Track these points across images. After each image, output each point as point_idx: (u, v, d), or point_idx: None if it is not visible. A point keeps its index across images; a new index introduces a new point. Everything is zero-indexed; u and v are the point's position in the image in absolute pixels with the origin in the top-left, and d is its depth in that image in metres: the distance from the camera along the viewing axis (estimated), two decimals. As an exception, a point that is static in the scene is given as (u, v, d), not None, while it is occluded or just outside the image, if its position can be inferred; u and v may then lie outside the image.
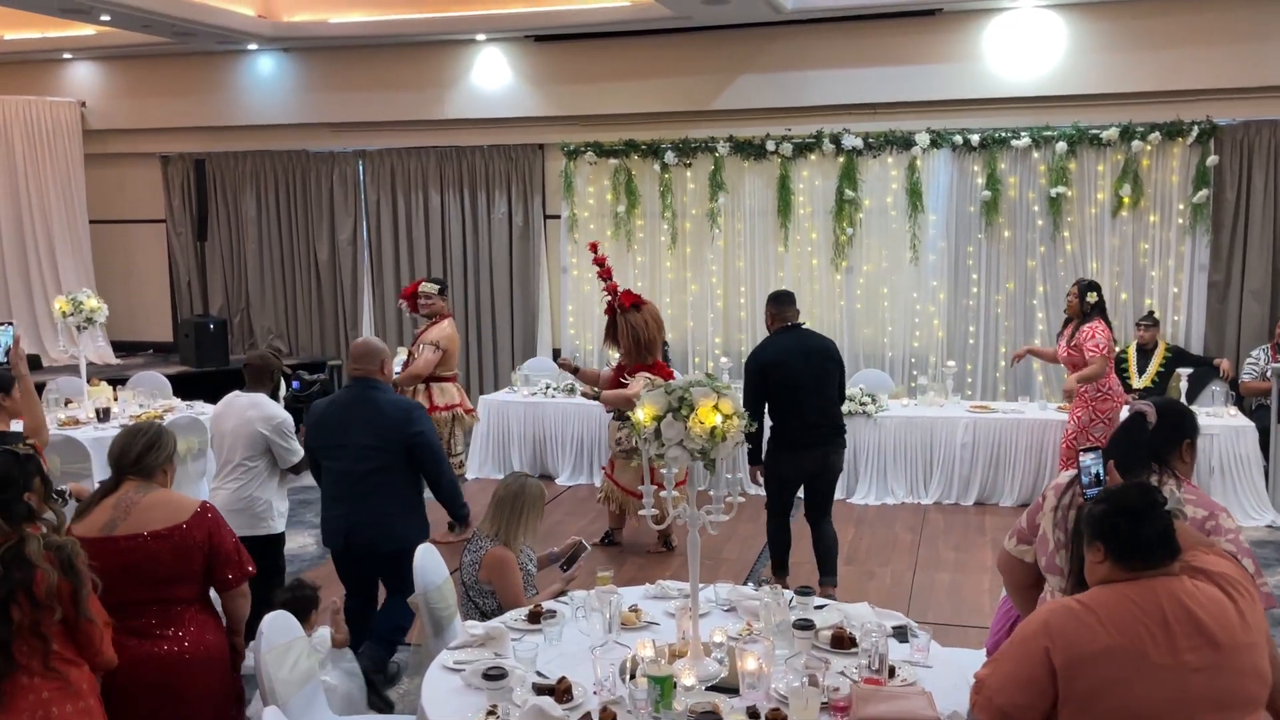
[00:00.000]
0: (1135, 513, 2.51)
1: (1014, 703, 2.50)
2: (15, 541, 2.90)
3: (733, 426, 3.16)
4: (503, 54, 9.96)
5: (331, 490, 4.73)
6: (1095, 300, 6.97)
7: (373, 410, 4.65)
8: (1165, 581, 2.48)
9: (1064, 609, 2.52)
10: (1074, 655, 2.43)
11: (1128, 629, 2.43)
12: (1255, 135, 8.47)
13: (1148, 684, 2.40)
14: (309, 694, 3.60)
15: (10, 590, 2.86)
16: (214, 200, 11.04)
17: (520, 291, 10.28)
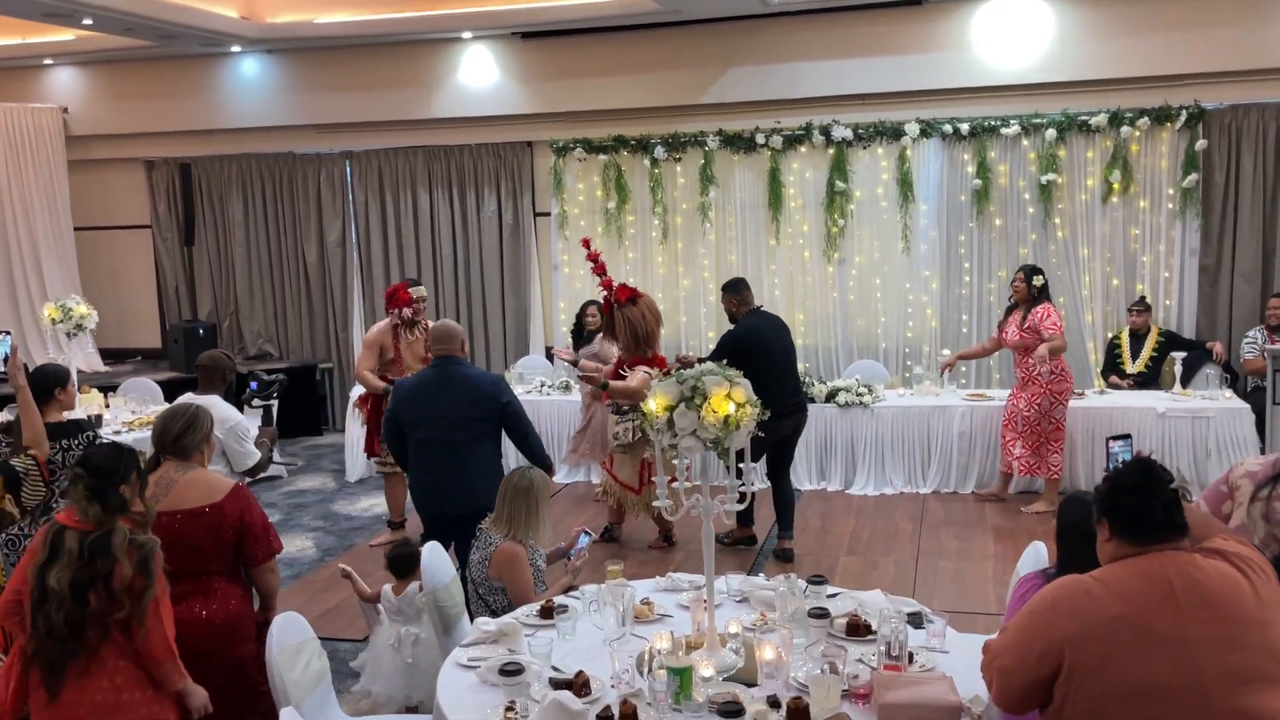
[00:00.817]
0: (1139, 488, 2.52)
1: (1014, 667, 2.52)
2: (104, 531, 3.09)
3: (746, 415, 3.14)
4: (489, 51, 9.91)
5: (427, 460, 5.05)
6: (1041, 284, 7.34)
7: (466, 383, 5.05)
8: (1173, 555, 2.47)
9: (1073, 582, 2.52)
10: (1080, 627, 2.43)
11: (1134, 600, 2.42)
12: (1243, 118, 8.50)
13: (1155, 656, 2.38)
14: (321, 695, 3.57)
15: (92, 578, 3.04)
16: (200, 204, 10.96)
17: (511, 290, 10.24)
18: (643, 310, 6.41)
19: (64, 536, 3.10)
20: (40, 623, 3.05)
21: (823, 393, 8.03)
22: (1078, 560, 3.18)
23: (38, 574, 3.07)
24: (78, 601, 3.04)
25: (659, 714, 2.96)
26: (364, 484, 8.71)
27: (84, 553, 3.06)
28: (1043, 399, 7.23)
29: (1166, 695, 2.36)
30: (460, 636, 4.07)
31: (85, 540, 3.08)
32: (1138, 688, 2.37)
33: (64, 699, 3.05)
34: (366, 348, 6.95)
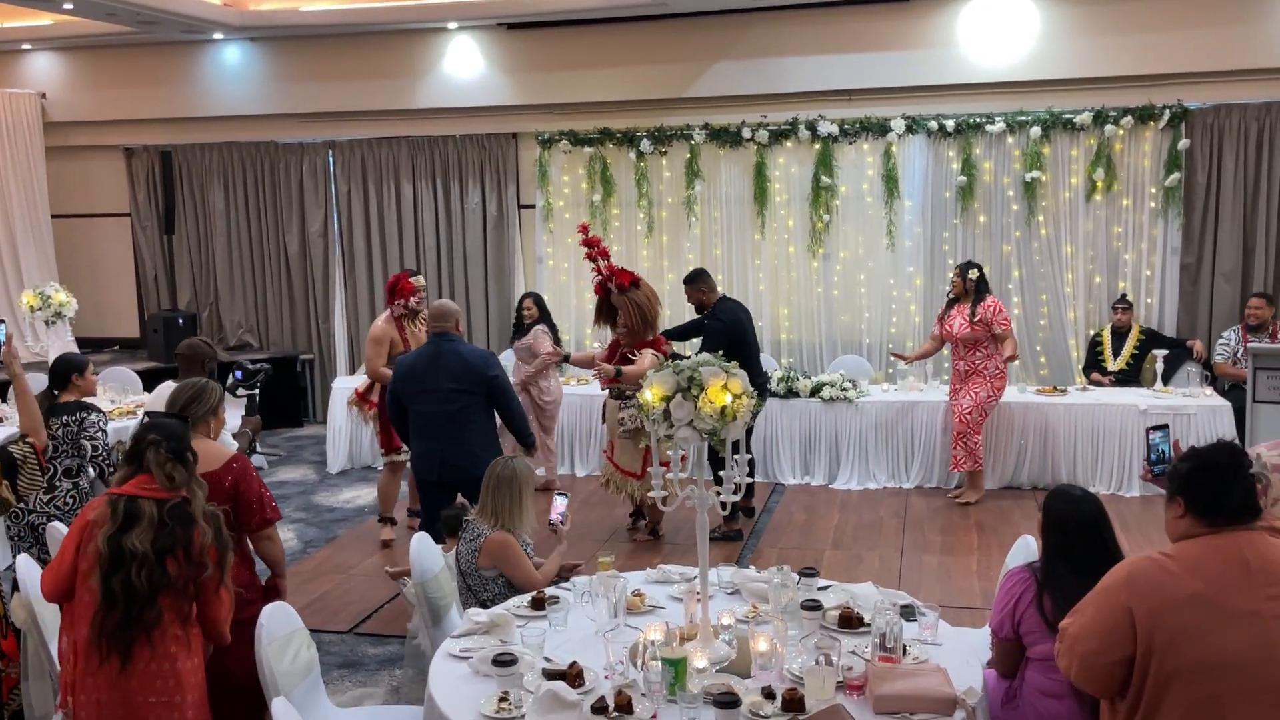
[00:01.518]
0: (1222, 470, 2.55)
1: (1093, 650, 2.54)
2: (181, 500, 3.19)
3: (742, 405, 3.13)
4: (474, 42, 9.86)
5: (424, 430, 5.41)
6: (977, 276, 7.41)
7: (458, 358, 5.40)
8: (1246, 534, 2.52)
9: (1147, 560, 2.56)
10: (1156, 604, 2.46)
11: (1210, 577, 2.46)
12: (1225, 118, 8.56)
13: (1230, 631, 2.41)
14: (310, 684, 3.54)
15: (172, 544, 3.13)
16: (181, 193, 10.85)
17: (495, 282, 10.20)
18: (646, 294, 6.53)
19: (138, 504, 3.16)
20: (117, 587, 3.08)
21: (807, 387, 8.04)
22: (1061, 553, 3.21)
23: (110, 541, 3.10)
24: (160, 566, 3.11)
25: (654, 704, 2.95)
26: (346, 475, 8.66)
27: (165, 519, 3.15)
28: (985, 390, 7.35)
29: (1240, 670, 2.40)
30: (449, 628, 4.05)
31: (164, 506, 3.17)
32: (1213, 664, 2.40)
33: (134, 668, 3.10)
34: (376, 343, 6.68)
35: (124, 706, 3.10)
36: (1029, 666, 3.27)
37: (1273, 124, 8.48)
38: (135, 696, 3.11)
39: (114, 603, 3.09)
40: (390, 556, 6.51)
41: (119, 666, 3.10)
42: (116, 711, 3.11)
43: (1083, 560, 3.16)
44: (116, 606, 3.09)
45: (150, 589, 3.10)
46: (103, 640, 3.10)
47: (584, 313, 9.97)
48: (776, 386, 8.08)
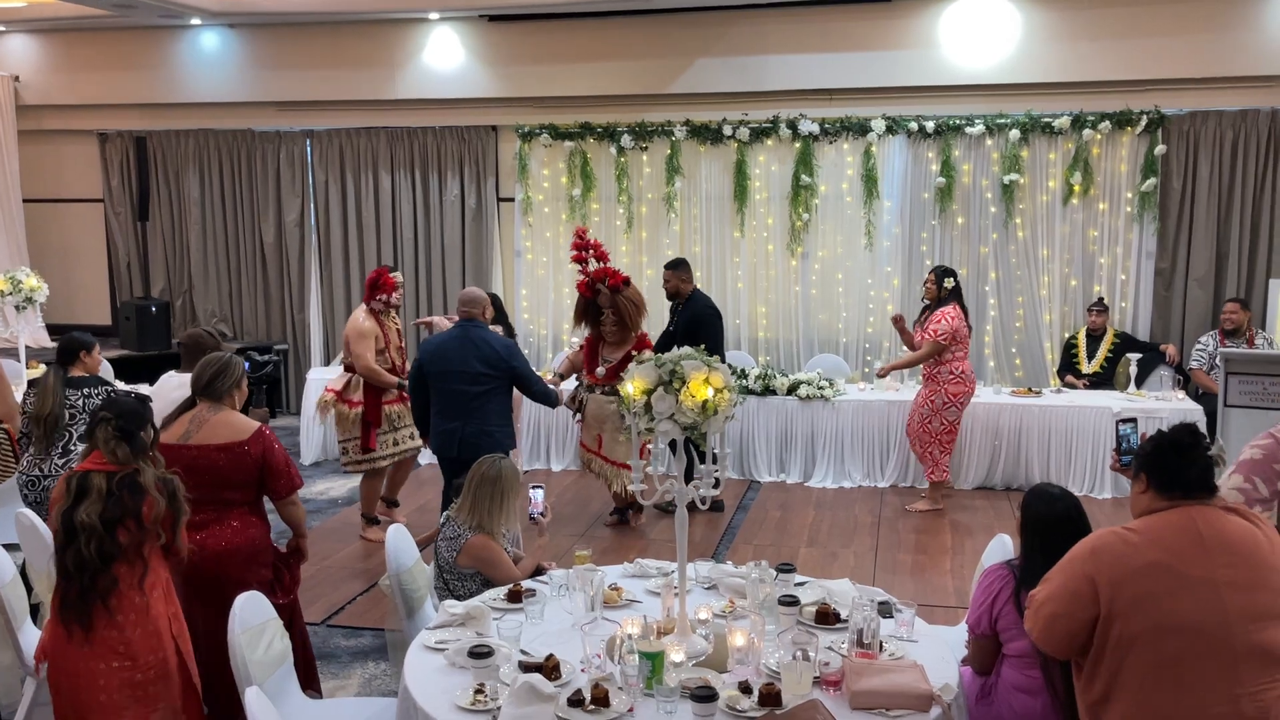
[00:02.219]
0: (1182, 448, 2.74)
1: (1056, 613, 2.71)
2: (131, 471, 3.32)
3: (724, 400, 3.13)
4: (455, 33, 9.80)
5: (447, 409, 5.71)
6: (951, 286, 7.29)
7: (485, 345, 5.74)
8: (1200, 508, 2.70)
9: (1110, 533, 2.74)
10: (1117, 573, 2.64)
11: (1167, 546, 2.64)
12: (1201, 125, 8.64)
13: (1186, 596, 2.59)
14: (283, 674, 3.51)
15: (121, 514, 3.25)
16: (155, 179, 10.74)
17: (473, 275, 10.14)
18: (636, 294, 6.73)
19: (90, 479, 3.28)
20: (70, 560, 3.22)
21: (784, 386, 8.06)
22: (1040, 551, 3.23)
23: (63, 516, 3.25)
24: (109, 535, 3.23)
25: (631, 697, 2.94)
26: (319, 467, 8.61)
27: (113, 489, 3.27)
28: (936, 395, 7.22)
29: (1196, 632, 2.57)
30: (424, 620, 4.03)
31: (113, 479, 3.29)
32: (1170, 626, 2.57)
33: (95, 636, 3.23)
34: (366, 339, 6.59)
35: (90, 674, 3.24)
36: (1004, 663, 3.28)
37: (1247, 132, 8.57)
38: (98, 663, 3.24)
39: (69, 575, 3.23)
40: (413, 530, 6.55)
41: (83, 636, 3.23)
42: (85, 679, 3.24)
43: (1061, 555, 3.19)
44: (72, 579, 3.23)
45: (101, 558, 3.21)
46: (66, 612, 3.25)
47: (563, 307, 9.94)
48: (754, 384, 8.09)
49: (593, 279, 6.63)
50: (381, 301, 6.70)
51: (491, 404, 5.73)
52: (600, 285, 6.60)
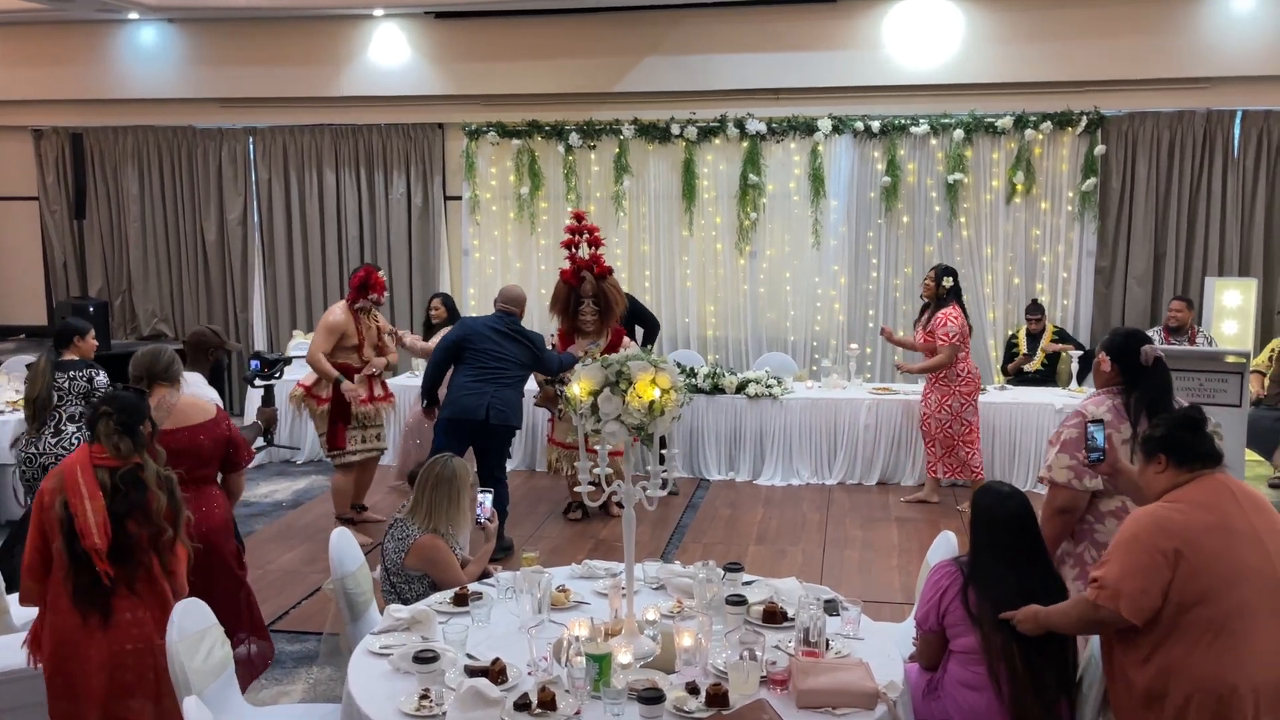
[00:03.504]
0: (1194, 423, 3.01)
1: (1140, 588, 2.84)
2: (133, 466, 3.41)
3: (671, 400, 3.12)
4: (401, 30, 9.70)
5: (480, 376, 6.06)
6: (951, 285, 7.30)
7: (523, 334, 6.29)
8: (1220, 475, 2.99)
9: (1161, 508, 2.94)
10: (1187, 540, 2.85)
11: (1213, 508, 2.90)
12: (1139, 126, 8.81)
13: (1240, 547, 2.86)
14: (224, 683, 3.43)
15: (129, 508, 3.37)
16: (93, 177, 10.51)
17: (420, 274, 10.05)
18: (618, 281, 6.99)
19: (96, 474, 3.38)
20: (83, 553, 3.32)
21: (733, 384, 8.08)
22: (989, 547, 3.26)
23: (68, 507, 3.33)
24: (120, 527, 3.35)
25: (578, 700, 2.93)
26: (263, 470, 8.48)
27: (118, 485, 3.37)
28: (953, 400, 7.24)
29: (1259, 576, 2.83)
30: (369, 624, 3.98)
31: (116, 474, 3.38)
32: (1237, 576, 2.82)
33: (115, 620, 3.38)
34: (327, 331, 6.55)
35: (112, 658, 3.38)
36: (951, 659, 3.31)
37: (1183, 132, 8.75)
38: (117, 645, 3.39)
39: (81, 564, 3.34)
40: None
41: (100, 622, 3.37)
42: (107, 664, 3.38)
43: (1010, 552, 3.24)
44: (84, 568, 3.34)
45: (115, 551, 3.35)
46: (81, 601, 3.36)
47: (510, 306, 9.88)
48: (703, 383, 8.11)
49: (579, 266, 6.65)
50: (371, 301, 6.71)
51: (515, 386, 6.23)
52: (586, 273, 6.62)
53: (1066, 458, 3.55)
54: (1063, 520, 3.61)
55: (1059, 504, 3.59)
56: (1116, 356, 3.64)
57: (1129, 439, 3.51)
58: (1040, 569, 3.27)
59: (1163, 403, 3.53)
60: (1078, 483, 3.55)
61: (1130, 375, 3.60)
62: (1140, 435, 3.15)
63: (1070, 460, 3.55)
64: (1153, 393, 3.56)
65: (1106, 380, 3.69)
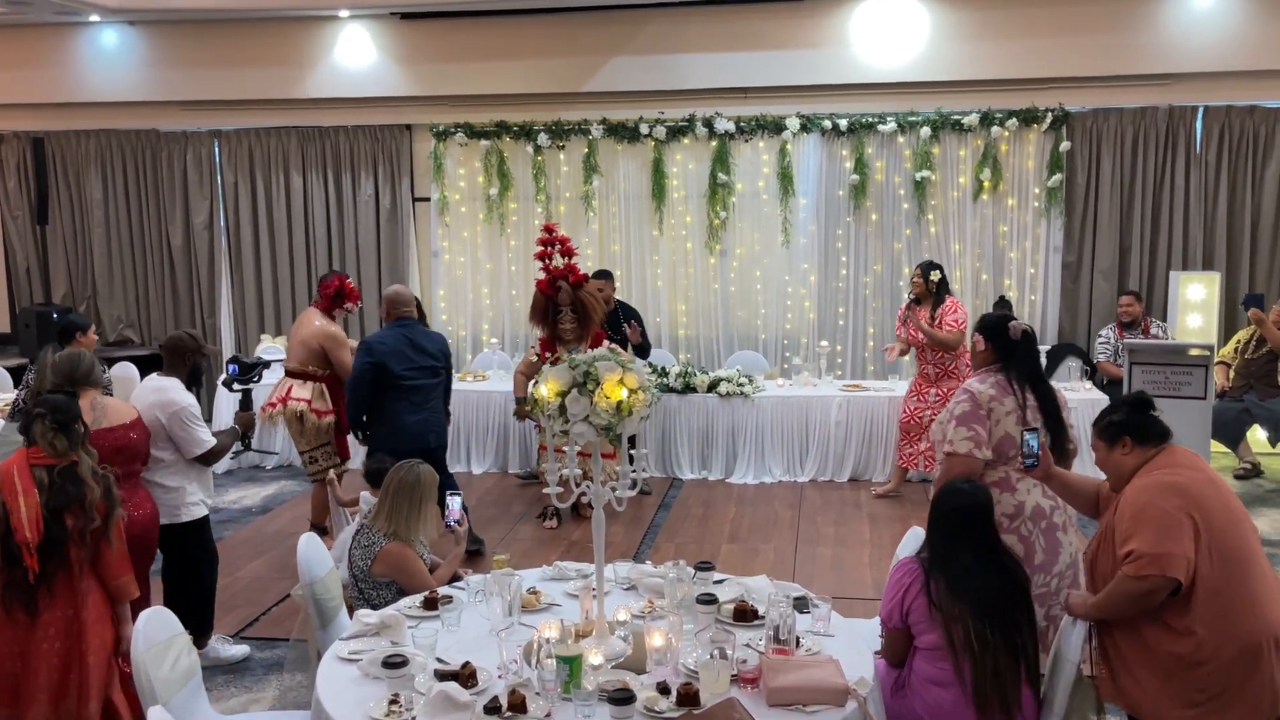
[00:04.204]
0: (1146, 404, 3.32)
1: (1176, 548, 3.02)
2: (70, 463, 3.55)
3: (639, 401, 3.12)
4: (367, 31, 9.64)
5: (416, 401, 5.94)
6: (939, 278, 7.34)
7: (431, 337, 6.15)
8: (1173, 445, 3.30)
9: (1159, 476, 3.17)
10: (1193, 496, 3.11)
11: (1197, 467, 3.22)
12: (1104, 122, 8.89)
13: (1227, 497, 3.18)
14: (191, 691, 3.40)
15: (67, 501, 3.49)
16: (55, 182, 10.37)
17: (389, 276, 9.98)
18: (595, 287, 6.98)
19: (32, 472, 3.51)
20: (15, 549, 3.43)
21: (704, 383, 8.09)
22: (948, 539, 3.27)
23: (2, 507, 3.45)
24: (57, 522, 3.47)
25: (548, 703, 2.92)
26: (232, 475, 8.41)
27: (54, 481, 3.50)
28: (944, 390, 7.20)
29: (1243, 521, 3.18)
30: (338, 630, 3.95)
31: (53, 471, 3.52)
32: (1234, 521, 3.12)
33: (39, 618, 3.47)
34: (343, 345, 6.54)
35: (29, 656, 3.47)
36: (917, 655, 3.33)
37: (1146, 128, 8.83)
38: (40, 644, 3.47)
39: (14, 560, 3.44)
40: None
41: (26, 618, 3.47)
42: (21, 661, 3.47)
43: (968, 542, 3.27)
44: (17, 564, 3.44)
45: (50, 544, 3.46)
46: (8, 595, 3.46)
47: (481, 307, 9.86)
48: (674, 382, 8.11)
49: (554, 276, 6.64)
50: (346, 310, 6.70)
51: (441, 395, 6.16)
52: (562, 282, 6.61)
53: (965, 430, 3.82)
54: None
55: (957, 472, 3.79)
56: (990, 336, 3.99)
57: (1013, 410, 3.87)
58: (999, 557, 3.32)
59: (1038, 373, 3.98)
60: (978, 452, 3.81)
61: (1004, 351, 3.95)
62: (1099, 425, 3.36)
63: (969, 432, 3.82)
64: (1027, 364, 3.96)
65: (983, 360, 4.03)
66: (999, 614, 3.19)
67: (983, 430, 3.81)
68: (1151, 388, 7.32)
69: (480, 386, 8.41)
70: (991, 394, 3.87)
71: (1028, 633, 3.24)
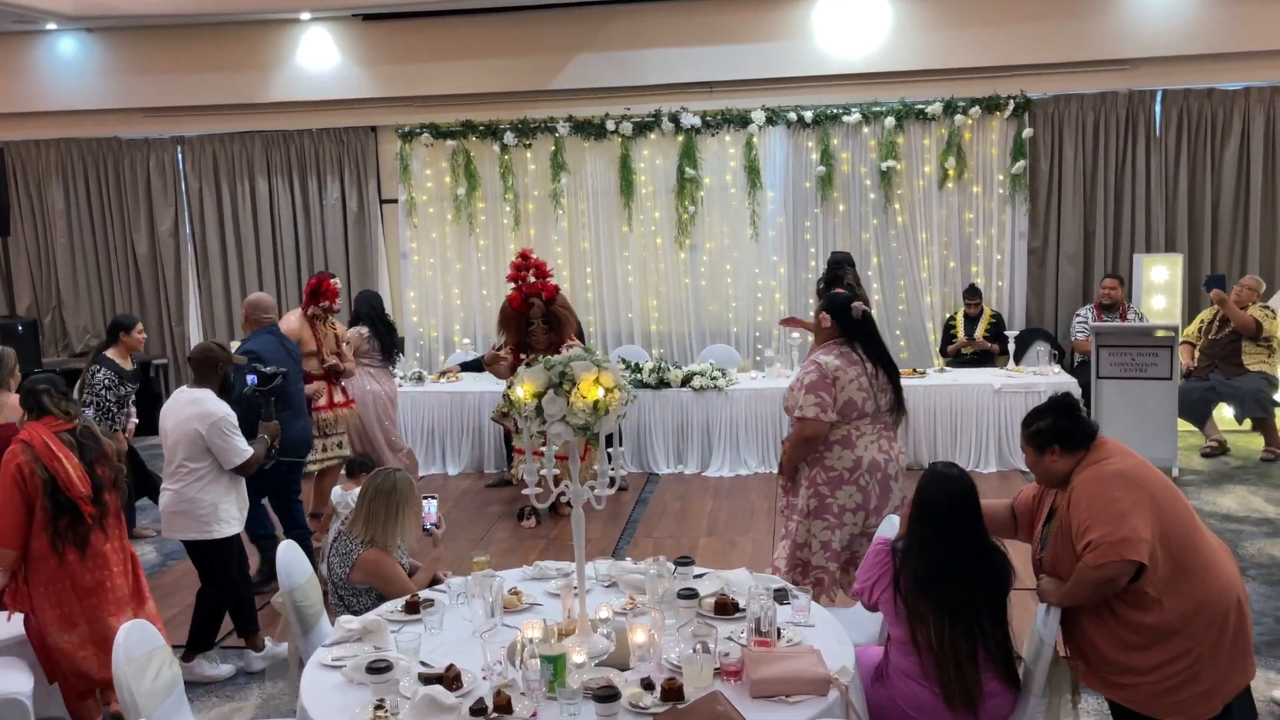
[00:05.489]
0: (1072, 409, 3.34)
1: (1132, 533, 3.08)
2: (83, 424, 4.16)
3: (615, 400, 3.13)
4: (329, 33, 9.59)
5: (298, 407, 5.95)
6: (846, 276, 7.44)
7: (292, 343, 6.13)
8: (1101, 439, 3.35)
9: (1106, 465, 3.23)
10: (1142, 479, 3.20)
11: (1129, 453, 3.30)
12: (1065, 108, 8.99)
13: (1159, 478, 3.24)
14: (173, 704, 3.38)
15: (97, 455, 4.12)
16: (15, 192, 10.25)
17: (358, 279, 9.94)
18: (565, 299, 6.99)
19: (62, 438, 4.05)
20: (66, 503, 4.00)
21: (678, 378, 8.12)
22: (926, 532, 3.27)
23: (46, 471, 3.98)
24: (93, 475, 4.07)
25: (533, 702, 2.93)
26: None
27: (81, 441, 4.09)
28: None
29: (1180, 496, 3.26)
30: (320, 637, 3.95)
31: (75, 433, 4.10)
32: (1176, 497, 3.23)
33: (91, 552, 4.09)
34: (307, 346, 6.52)
35: (93, 586, 4.10)
36: (891, 647, 3.36)
37: (1106, 113, 8.94)
38: (96, 574, 4.11)
39: (62, 511, 3.99)
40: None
41: (79, 556, 4.05)
42: (84, 592, 4.09)
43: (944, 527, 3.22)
44: (64, 512, 3.99)
45: (94, 490, 4.07)
46: (59, 542, 4.00)
47: (452, 308, 9.84)
48: (648, 377, 8.13)
49: (527, 293, 6.64)
50: (323, 308, 6.66)
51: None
52: (535, 299, 6.63)
53: (813, 397, 4.31)
54: (808, 446, 4.39)
55: (807, 434, 4.34)
56: (836, 314, 4.44)
57: (857, 378, 4.35)
58: (979, 552, 3.27)
59: (881, 347, 4.46)
60: (824, 415, 4.30)
61: (847, 328, 4.41)
62: (1028, 431, 3.41)
63: (816, 399, 4.30)
64: (868, 338, 4.43)
65: (828, 335, 4.47)
66: (961, 611, 3.15)
67: (828, 396, 4.30)
68: (1118, 369, 7.44)
69: (454, 388, 8.39)
70: (837, 364, 4.34)
71: (991, 627, 3.21)
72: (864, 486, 4.38)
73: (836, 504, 4.41)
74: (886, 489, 4.42)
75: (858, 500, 4.37)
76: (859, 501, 4.37)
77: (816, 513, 4.44)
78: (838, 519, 4.42)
